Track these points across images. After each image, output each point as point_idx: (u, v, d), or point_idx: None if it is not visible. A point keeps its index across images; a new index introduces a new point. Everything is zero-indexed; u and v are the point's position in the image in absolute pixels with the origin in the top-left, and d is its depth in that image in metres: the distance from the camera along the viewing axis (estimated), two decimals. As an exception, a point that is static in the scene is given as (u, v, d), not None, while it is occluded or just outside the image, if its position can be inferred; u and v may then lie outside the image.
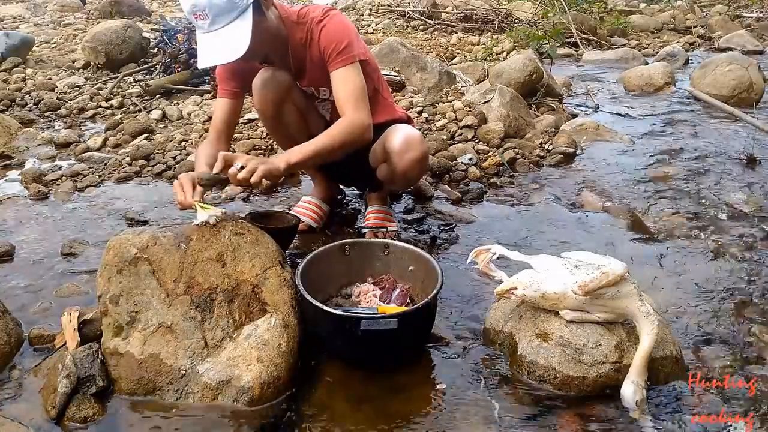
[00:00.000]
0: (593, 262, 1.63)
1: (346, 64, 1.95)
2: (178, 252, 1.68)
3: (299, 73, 2.12)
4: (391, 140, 2.09)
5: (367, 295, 1.87)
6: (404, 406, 1.56)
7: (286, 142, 2.39)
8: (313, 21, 1.97)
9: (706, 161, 3.23)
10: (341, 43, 1.94)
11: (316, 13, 1.99)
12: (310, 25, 1.98)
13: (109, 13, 6.81)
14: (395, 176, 2.17)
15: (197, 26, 1.80)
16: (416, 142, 2.08)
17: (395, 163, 2.10)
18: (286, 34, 2.00)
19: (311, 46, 2.00)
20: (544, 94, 4.11)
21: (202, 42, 1.80)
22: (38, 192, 2.72)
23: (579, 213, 2.66)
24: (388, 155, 2.10)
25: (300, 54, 2.04)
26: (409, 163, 2.08)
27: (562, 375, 1.58)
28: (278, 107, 2.17)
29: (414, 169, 2.13)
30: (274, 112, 2.18)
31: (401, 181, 2.30)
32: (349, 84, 1.95)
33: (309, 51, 2.02)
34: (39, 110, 3.90)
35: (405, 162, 2.08)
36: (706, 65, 4.56)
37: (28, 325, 1.82)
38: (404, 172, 2.12)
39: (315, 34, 1.97)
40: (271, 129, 2.35)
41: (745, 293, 2.07)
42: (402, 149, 2.06)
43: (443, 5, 7.38)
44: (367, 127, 1.96)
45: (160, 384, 1.56)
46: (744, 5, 8.42)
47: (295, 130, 2.27)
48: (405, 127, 2.14)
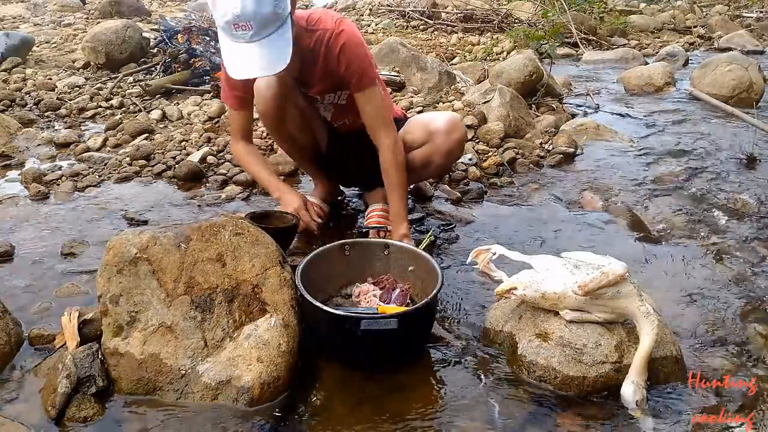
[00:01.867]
0: (593, 262, 1.63)
1: (371, 85, 2.05)
2: (178, 252, 1.68)
3: (303, 76, 2.10)
4: (436, 121, 2.25)
5: (367, 295, 1.86)
6: (404, 406, 1.56)
7: (287, 143, 2.40)
8: (327, 32, 1.97)
9: (706, 161, 3.23)
10: (364, 62, 2.03)
11: (328, 23, 1.98)
12: (323, 35, 1.97)
13: (109, 13, 6.82)
14: (436, 156, 2.27)
15: (233, 36, 1.73)
16: (460, 124, 2.31)
17: (440, 143, 2.23)
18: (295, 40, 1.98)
19: (327, 57, 2.00)
20: (544, 94, 4.11)
21: (239, 52, 1.74)
22: (38, 192, 2.72)
23: (579, 213, 2.67)
24: (433, 136, 2.23)
25: (307, 60, 2.03)
26: (454, 143, 2.25)
27: (562, 375, 1.58)
28: (280, 110, 2.17)
29: (457, 150, 2.31)
30: (276, 113, 2.19)
31: (443, 161, 2.34)
32: (376, 106, 2.08)
33: (322, 59, 2.01)
34: (39, 110, 3.90)
35: (451, 141, 2.24)
36: (706, 65, 4.56)
37: (28, 325, 1.82)
38: (449, 151, 2.27)
39: (334, 48, 1.97)
40: (273, 130, 2.35)
41: (745, 293, 2.07)
42: (449, 129, 2.22)
43: (443, 5, 7.39)
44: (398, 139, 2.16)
45: (160, 384, 1.56)
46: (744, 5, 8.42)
47: (296, 130, 2.29)
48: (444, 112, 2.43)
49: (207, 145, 3.23)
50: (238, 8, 1.65)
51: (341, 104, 2.21)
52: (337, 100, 2.20)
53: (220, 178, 2.87)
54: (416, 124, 2.31)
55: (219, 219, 1.80)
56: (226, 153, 3.11)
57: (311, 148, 2.42)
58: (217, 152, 3.13)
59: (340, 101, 2.20)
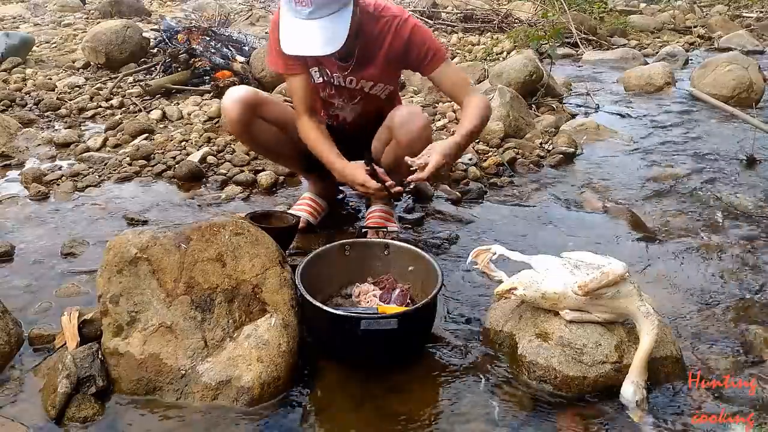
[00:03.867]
0: (593, 262, 1.63)
1: (445, 59, 2.11)
2: (178, 252, 1.68)
3: (360, 64, 2.09)
4: (392, 117, 2.15)
5: (367, 295, 1.87)
6: (404, 406, 1.56)
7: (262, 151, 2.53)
8: (396, 18, 2.02)
9: (706, 161, 3.23)
10: (435, 42, 2.09)
11: (394, 10, 2.05)
12: (392, 20, 2.02)
13: (109, 13, 6.82)
14: (399, 152, 2.09)
15: (292, 11, 1.80)
16: (418, 112, 2.17)
17: (400, 136, 2.10)
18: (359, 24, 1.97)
19: (394, 41, 2.04)
20: (544, 94, 4.11)
21: (295, 28, 1.81)
22: (38, 192, 2.72)
23: (579, 213, 2.67)
24: (392, 131, 2.15)
25: (371, 46, 2.05)
26: (414, 133, 2.08)
27: (562, 375, 1.58)
28: (246, 126, 2.20)
29: (418, 140, 2.08)
30: (243, 131, 2.22)
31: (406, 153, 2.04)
32: (455, 74, 2.16)
33: (388, 45, 2.05)
34: (39, 110, 3.90)
35: (410, 133, 2.08)
36: (706, 65, 4.56)
37: (28, 325, 1.82)
38: (410, 143, 2.07)
39: (403, 32, 2.03)
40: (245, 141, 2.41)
41: (745, 293, 2.07)
42: (406, 119, 2.10)
43: (443, 5, 7.39)
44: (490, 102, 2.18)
45: (160, 384, 1.56)
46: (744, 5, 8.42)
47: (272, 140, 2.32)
48: (402, 106, 2.26)
49: (207, 145, 3.23)
50: None
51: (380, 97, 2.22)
52: (381, 93, 2.21)
53: (220, 178, 2.87)
54: (381, 128, 2.25)
55: (219, 219, 1.80)
56: (226, 153, 3.11)
57: (290, 155, 2.42)
58: (217, 152, 3.13)
59: (382, 95, 2.21)
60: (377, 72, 2.12)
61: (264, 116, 2.22)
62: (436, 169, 1.92)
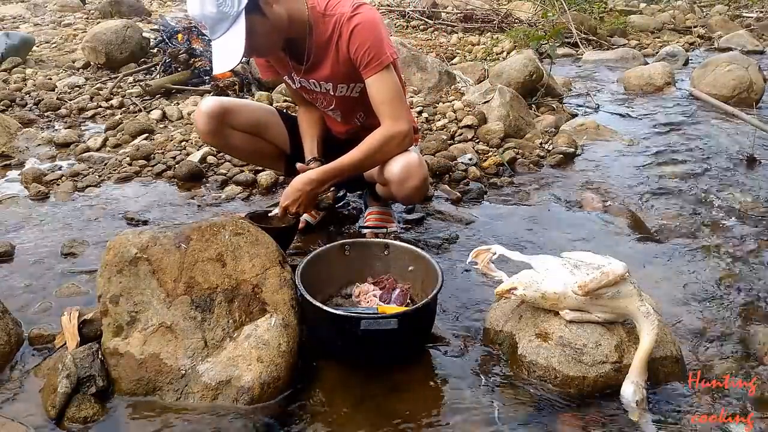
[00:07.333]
0: (593, 262, 1.63)
1: (380, 68, 1.89)
2: (178, 252, 1.68)
3: (314, 66, 2.02)
4: (389, 168, 2.00)
5: (367, 295, 1.86)
6: (404, 406, 1.56)
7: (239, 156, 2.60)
8: (343, 17, 1.88)
9: (706, 161, 3.23)
10: (374, 46, 1.87)
11: (345, 7, 1.89)
12: (339, 20, 1.89)
13: (109, 13, 6.81)
14: (396, 199, 2.24)
15: None
16: (415, 168, 1.99)
17: (395, 192, 2.07)
18: (309, 26, 1.92)
19: (339, 43, 1.91)
20: (544, 94, 4.11)
21: (213, 49, 1.84)
22: (38, 192, 2.72)
23: (579, 213, 2.67)
24: (388, 183, 2.05)
25: (322, 48, 1.95)
26: (410, 191, 2.04)
27: (562, 375, 1.58)
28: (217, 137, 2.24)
29: (415, 196, 2.11)
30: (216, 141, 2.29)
31: (403, 202, 2.40)
32: (384, 90, 1.91)
33: (336, 47, 1.92)
34: (39, 110, 3.90)
35: (406, 190, 2.03)
36: (706, 65, 4.56)
37: (28, 325, 1.82)
38: (406, 198, 2.13)
39: (345, 33, 1.88)
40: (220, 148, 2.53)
41: (745, 293, 2.07)
42: (402, 178, 1.99)
43: (443, 5, 7.38)
44: (405, 134, 1.95)
45: (160, 384, 1.56)
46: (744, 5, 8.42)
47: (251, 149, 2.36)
48: (401, 156, 2.00)
49: (207, 145, 3.23)
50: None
51: (353, 97, 2.08)
52: (350, 93, 2.08)
53: (220, 178, 2.87)
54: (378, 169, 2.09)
55: (219, 219, 1.80)
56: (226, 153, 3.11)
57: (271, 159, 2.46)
58: (217, 152, 3.13)
59: (353, 93, 2.07)
60: (329, 73, 2.00)
61: (233, 125, 2.24)
62: (284, 209, 2.02)
